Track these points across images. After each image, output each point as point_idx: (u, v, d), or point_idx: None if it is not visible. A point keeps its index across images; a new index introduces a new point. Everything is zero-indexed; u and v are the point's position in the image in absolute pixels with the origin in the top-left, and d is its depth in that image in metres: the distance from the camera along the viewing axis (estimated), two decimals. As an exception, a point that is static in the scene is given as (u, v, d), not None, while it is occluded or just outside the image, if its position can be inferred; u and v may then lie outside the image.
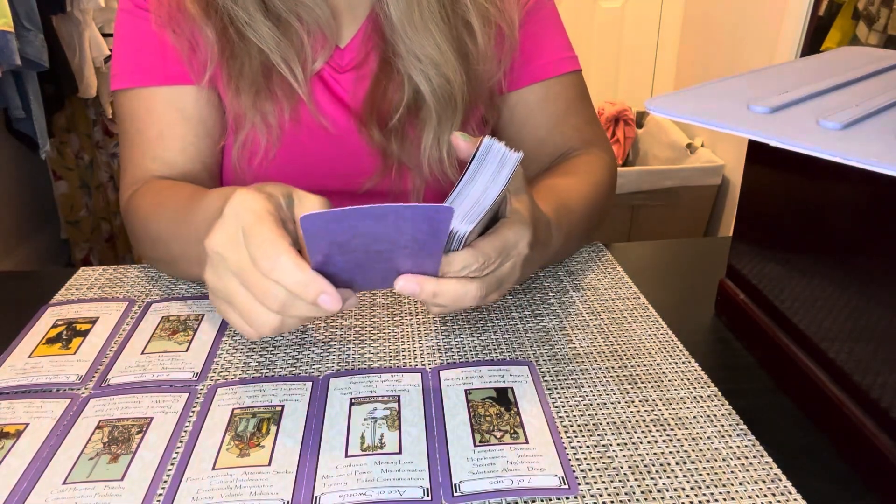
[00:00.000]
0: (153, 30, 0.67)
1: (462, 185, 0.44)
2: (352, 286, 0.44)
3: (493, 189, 0.44)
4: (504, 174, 0.44)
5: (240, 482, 0.42)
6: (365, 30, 0.71)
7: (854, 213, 0.44)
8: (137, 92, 0.68)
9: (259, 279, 0.41)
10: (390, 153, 0.70)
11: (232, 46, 0.66)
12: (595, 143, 0.76)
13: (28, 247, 2.13)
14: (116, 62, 0.69)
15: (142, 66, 0.68)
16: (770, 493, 0.42)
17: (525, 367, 0.52)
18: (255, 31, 0.65)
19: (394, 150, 0.70)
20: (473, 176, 0.44)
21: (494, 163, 0.44)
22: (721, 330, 0.59)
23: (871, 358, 0.43)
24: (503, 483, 0.42)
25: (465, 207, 0.44)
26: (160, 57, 0.68)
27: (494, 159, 0.44)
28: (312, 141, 0.71)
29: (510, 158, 0.44)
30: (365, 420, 0.47)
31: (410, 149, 0.71)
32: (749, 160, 0.55)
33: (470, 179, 0.44)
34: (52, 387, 0.51)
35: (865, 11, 1.63)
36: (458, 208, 0.43)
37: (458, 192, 0.44)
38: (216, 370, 0.53)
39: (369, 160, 0.72)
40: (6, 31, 1.52)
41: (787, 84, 0.43)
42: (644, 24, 2.62)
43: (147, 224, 0.63)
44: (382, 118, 0.70)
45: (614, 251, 0.71)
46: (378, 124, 0.70)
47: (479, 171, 0.44)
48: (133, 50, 0.68)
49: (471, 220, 0.43)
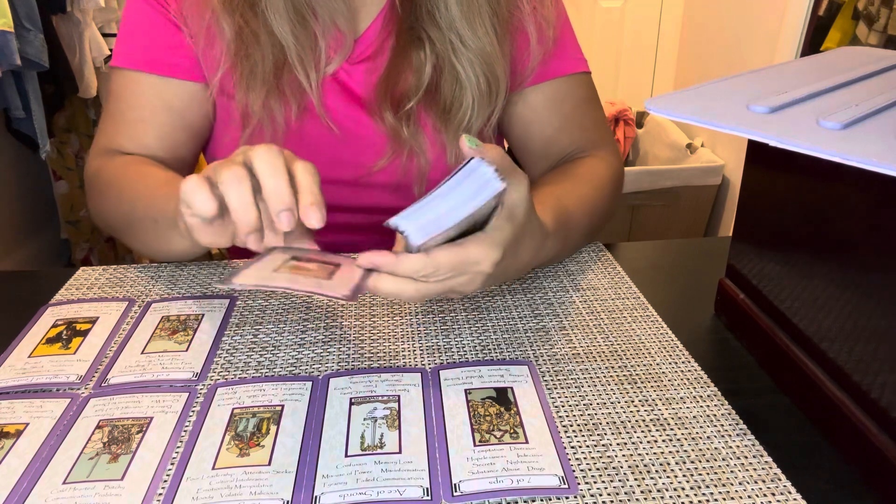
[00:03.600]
0: (162, 20, 0.69)
1: (432, 197, 0.43)
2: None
3: (461, 210, 0.43)
4: (480, 199, 0.43)
5: (240, 482, 0.42)
6: (383, 19, 0.72)
7: (854, 213, 0.44)
8: (129, 73, 0.70)
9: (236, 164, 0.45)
10: (401, 137, 0.71)
11: (247, 45, 0.67)
12: (602, 145, 0.76)
13: (28, 247, 2.13)
14: (119, 41, 0.71)
15: (140, 50, 0.70)
16: (770, 493, 0.42)
17: (525, 367, 0.52)
18: (279, 25, 0.66)
19: (405, 134, 0.70)
20: (448, 193, 0.43)
21: (475, 185, 0.43)
22: (721, 330, 0.59)
23: (871, 358, 0.43)
24: (503, 483, 0.42)
25: (423, 220, 0.42)
26: (160, 46, 0.69)
27: (476, 182, 0.43)
28: (319, 137, 0.71)
29: (492, 187, 0.43)
30: (365, 420, 0.47)
31: (420, 134, 0.71)
32: (749, 160, 0.55)
33: (442, 195, 0.43)
34: (52, 387, 0.51)
35: (865, 11, 1.63)
36: (418, 219, 0.42)
37: (426, 203, 0.43)
38: (216, 370, 0.53)
39: (376, 148, 0.72)
40: (6, 31, 1.52)
41: (787, 84, 0.43)
42: (644, 24, 2.62)
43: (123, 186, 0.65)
44: (395, 102, 0.70)
45: (614, 251, 0.71)
46: (392, 107, 0.70)
47: (455, 189, 0.43)
48: (136, 34, 0.70)
49: (424, 234, 0.42)
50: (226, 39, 0.67)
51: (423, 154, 0.72)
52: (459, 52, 0.68)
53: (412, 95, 0.70)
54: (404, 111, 0.70)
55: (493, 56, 0.69)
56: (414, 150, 0.71)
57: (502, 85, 0.70)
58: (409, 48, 0.70)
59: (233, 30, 0.67)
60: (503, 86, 0.70)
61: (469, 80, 0.69)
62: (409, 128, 0.70)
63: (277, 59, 0.67)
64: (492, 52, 0.69)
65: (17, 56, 1.56)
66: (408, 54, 0.70)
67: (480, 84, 0.69)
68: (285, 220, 0.44)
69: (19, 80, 1.70)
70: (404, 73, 0.70)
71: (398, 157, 0.72)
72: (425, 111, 0.71)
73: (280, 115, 0.68)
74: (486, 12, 0.68)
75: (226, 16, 0.67)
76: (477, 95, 0.69)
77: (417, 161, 0.72)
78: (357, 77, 0.72)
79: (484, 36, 0.68)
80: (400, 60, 0.70)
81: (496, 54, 0.69)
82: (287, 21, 0.66)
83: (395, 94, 0.70)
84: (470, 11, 0.67)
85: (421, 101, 0.70)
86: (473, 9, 0.67)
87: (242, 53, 0.67)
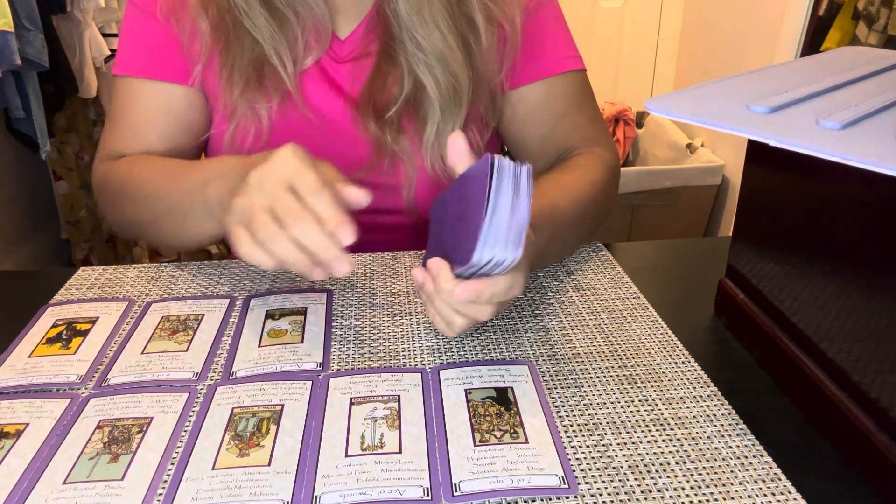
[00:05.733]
0: (155, 25, 0.70)
1: (489, 216, 0.43)
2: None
3: (521, 206, 0.43)
4: (524, 187, 0.43)
5: (240, 482, 0.42)
6: (367, 23, 0.72)
7: (854, 213, 0.44)
8: (131, 81, 0.72)
9: (288, 201, 0.47)
10: (384, 145, 0.71)
11: (227, 37, 0.68)
12: (597, 142, 0.76)
13: (28, 247, 2.13)
14: (120, 49, 0.73)
15: (139, 58, 0.72)
16: (770, 493, 0.42)
17: (525, 367, 0.52)
18: (251, 20, 0.67)
19: (388, 141, 0.71)
20: (496, 203, 0.43)
21: (508, 179, 0.43)
22: (721, 330, 0.59)
23: (871, 358, 0.43)
24: (503, 483, 0.42)
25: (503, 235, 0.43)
26: (158, 53, 0.71)
27: (507, 176, 0.43)
28: (303, 131, 0.72)
29: (522, 170, 0.43)
30: (365, 420, 0.47)
31: (405, 142, 0.71)
32: (749, 160, 0.55)
33: (494, 209, 0.43)
34: (52, 387, 0.51)
35: (865, 11, 1.63)
36: (499, 237, 0.43)
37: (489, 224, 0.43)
38: (216, 370, 0.53)
39: (362, 150, 0.73)
40: (6, 31, 1.52)
41: (786, 84, 0.43)
42: (644, 24, 2.62)
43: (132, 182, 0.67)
44: (379, 110, 0.71)
45: (614, 251, 0.71)
46: (374, 115, 0.71)
47: (498, 195, 0.43)
48: (134, 42, 0.72)
49: (517, 243, 0.43)
50: (203, 34, 0.69)
51: (409, 160, 0.72)
52: (417, 57, 0.68)
53: (392, 104, 0.70)
54: (386, 119, 0.70)
55: (448, 57, 0.68)
56: (398, 155, 0.72)
57: (463, 84, 0.69)
58: (390, 56, 0.70)
59: (209, 24, 0.69)
60: (464, 85, 0.69)
61: (430, 85, 0.68)
62: (391, 135, 0.70)
63: (256, 52, 0.68)
64: (447, 53, 0.68)
65: (17, 56, 1.56)
66: (389, 62, 0.70)
67: (441, 87, 0.68)
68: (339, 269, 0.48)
69: (19, 80, 1.70)
70: (387, 81, 0.70)
71: (381, 161, 0.72)
72: (408, 120, 0.71)
73: (262, 109, 0.70)
74: (437, 10, 0.67)
75: (201, 10, 0.68)
76: (440, 101, 0.69)
77: (403, 166, 0.72)
78: (344, 74, 0.72)
79: (435, 34, 0.67)
80: (382, 68, 0.71)
81: (453, 56, 0.68)
82: (259, 13, 0.67)
83: (379, 102, 0.71)
84: (419, 12, 0.67)
85: (401, 110, 0.70)
86: (423, 7, 0.67)
87: (220, 46, 0.69)
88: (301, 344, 0.55)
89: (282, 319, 0.58)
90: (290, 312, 0.59)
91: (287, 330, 0.57)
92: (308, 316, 0.59)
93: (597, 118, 0.79)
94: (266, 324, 0.58)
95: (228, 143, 0.71)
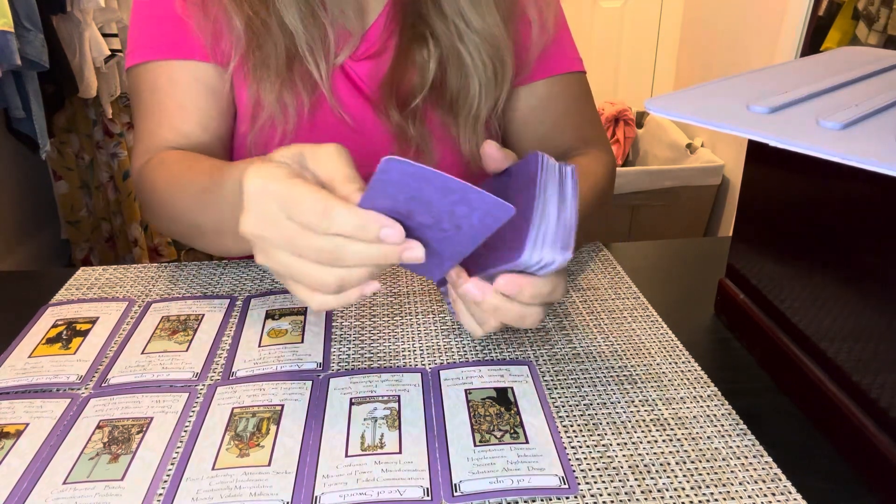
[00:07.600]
0: (175, 13, 0.68)
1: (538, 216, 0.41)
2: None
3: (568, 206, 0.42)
4: (569, 186, 0.42)
5: (239, 482, 0.42)
6: (386, 17, 0.72)
7: (854, 213, 0.44)
8: (159, 64, 0.68)
9: (309, 241, 0.39)
10: (409, 135, 0.71)
11: (258, 36, 0.67)
12: (595, 144, 0.76)
13: (28, 247, 2.13)
14: (135, 39, 0.69)
15: (164, 41, 0.68)
16: (770, 493, 0.42)
17: (525, 367, 0.52)
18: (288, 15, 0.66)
19: (412, 132, 0.71)
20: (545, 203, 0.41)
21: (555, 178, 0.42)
22: (721, 330, 0.59)
23: (871, 358, 0.43)
24: (503, 483, 0.42)
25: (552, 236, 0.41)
26: (183, 35, 0.68)
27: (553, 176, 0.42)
28: (329, 131, 0.71)
29: (567, 170, 0.42)
30: (365, 420, 0.47)
31: (427, 132, 0.71)
32: (749, 160, 0.55)
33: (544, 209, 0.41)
34: (52, 387, 0.51)
35: (865, 11, 1.63)
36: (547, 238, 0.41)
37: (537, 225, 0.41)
38: (216, 370, 0.53)
39: (384, 145, 0.72)
40: (6, 31, 1.52)
41: (787, 84, 0.43)
42: (644, 24, 2.62)
43: (165, 198, 0.62)
44: (401, 100, 0.71)
45: (614, 251, 0.71)
46: (397, 106, 0.70)
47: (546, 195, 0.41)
48: (154, 26, 0.69)
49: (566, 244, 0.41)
50: (236, 32, 0.67)
51: (429, 152, 0.72)
52: (466, 36, 0.69)
53: (417, 93, 0.70)
54: (410, 109, 0.70)
55: (499, 39, 0.69)
56: (420, 147, 0.72)
57: (508, 68, 0.71)
58: (413, 46, 0.70)
59: (243, 21, 0.66)
60: (509, 69, 0.71)
61: (475, 65, 0.69)
62: (414, 126, 0.71)
63: (289, 50, 0.67)
64: (498, 35, 0.69)
65: (17, 56, 1.56)
66: (411, 53, 0.70)
67: (487, 69, 0.70)
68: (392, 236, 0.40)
69: (19, 80, 1.70)
70: (408, 71, 0.71)
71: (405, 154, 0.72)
72: (431, 108, 0.72)
73: (292, 107, 0.68)
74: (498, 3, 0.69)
75: (235, 8, 0.66)
76: (484, 81, 0.70)
77: (424, 159, 0.72)
78: (362, 73, 0.72)
79: (490, 18, 0.69)
80: (403, 59, 0.71)
81: (503, 37, 0.70)
82: (297, 10, 0.66)
83: (400, 92, 0.71)
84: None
85: (427, 98, 0.70)
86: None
87: (254, 45, 0.67)
88: (301, 344, 0.55)
89: (282, 319, 0.58)
90: (291, 312, 0.59)
91: (287, 330, 0.57)
92: (308, 316, 0.59)
93: (595, 120, 0.79)
94: (266, 324, 0.58)
95: (252, 143, 0.70)
